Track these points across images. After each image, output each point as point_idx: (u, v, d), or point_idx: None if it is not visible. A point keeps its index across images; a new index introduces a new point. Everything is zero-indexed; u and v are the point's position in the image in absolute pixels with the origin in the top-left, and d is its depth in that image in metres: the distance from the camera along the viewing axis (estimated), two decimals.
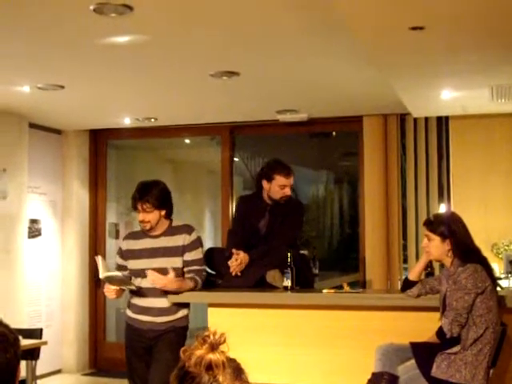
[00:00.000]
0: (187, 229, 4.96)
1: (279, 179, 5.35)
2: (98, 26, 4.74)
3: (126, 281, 4.81)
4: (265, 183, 5.40)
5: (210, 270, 5.33)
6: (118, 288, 4.87)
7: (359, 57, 5.40)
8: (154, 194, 4.82)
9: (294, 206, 5.51)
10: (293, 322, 5.11)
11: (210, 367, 1.78)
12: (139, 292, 4.90)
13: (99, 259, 4.85)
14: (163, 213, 4.87)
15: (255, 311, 5.17)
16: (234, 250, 5.24)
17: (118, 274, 4.82)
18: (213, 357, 1.79)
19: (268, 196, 5.40)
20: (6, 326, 2.17)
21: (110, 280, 4.82)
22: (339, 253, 11.63)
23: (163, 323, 4.89)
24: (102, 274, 4.79)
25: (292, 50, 5.42)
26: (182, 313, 4.96)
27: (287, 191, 5.37)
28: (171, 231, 4.93)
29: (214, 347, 1.80)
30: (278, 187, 5.35)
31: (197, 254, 4.93)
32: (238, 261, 5.20)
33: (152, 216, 4.83)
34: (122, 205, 9.65)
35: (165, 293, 4.85)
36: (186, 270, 4.90)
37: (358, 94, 6.92)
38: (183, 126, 8.64)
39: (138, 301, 4.94)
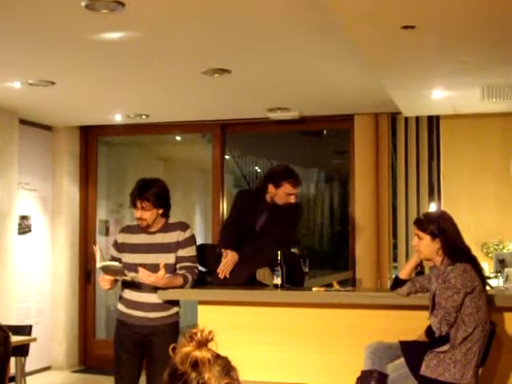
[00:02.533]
0: (182, 226, 4.99)
1: (287, 187, 5.38)
2: (90, 23, 4.72)
3: (121, 271, 4.83)
4: (271, 187, 5.42)
5: (201, 267, 5.33)
6: (112, 278, 4.88)
7: (351, 55, 5.40)
8: (154, 193, 4.85)
9: (293, 208, 5.52)
10: (283, 320, 5.11)
11: (195, 364, 1.78)
12: (132, 286, 4.91)
13: (97, 248, 4.90)
14: (160, 211, 4.90)
15: (245, 309, 5.17)
16: (222, 250, 5.26)
17: (115, 264, 4.85)
18: (199, 354, 1.78)
19: (271, 198, 5.43)
20: None
21: (106, 270, 4.85)
22: (329, 251, 11.65)
23: (156, 319, 4.90)
24: (99, 263, 4.81)
25: (284, 49, 5.41)
26: (174, 309, 4.98)
27: (292, 199, 5.41)
28: (167, 228, 4.95)
29: (200, 344, 1.80)
30: (284, 194, 5.39)
31: (190, 251, 4.95)
32: (223, 263, 5.22)
33: (149, 214, 4.85)
34: (112, 202, 9.64)
35: (155, 288, 4.86)
36: (178, 266, 4.92)
37: (350, 93, 6.92)
38: (174, 123, 8.63)
39: (131, 295, 4.95)
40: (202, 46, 5.33)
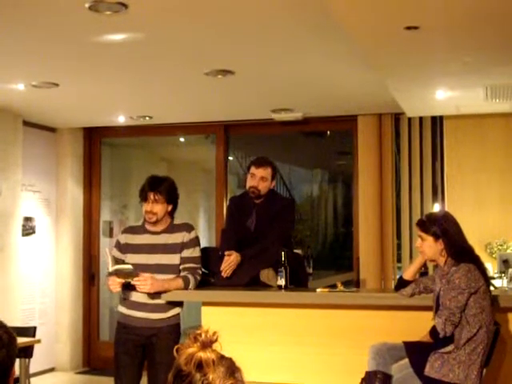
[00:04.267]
0: (187, 227, 5.00)
1: (251, 169, 5.47)
2: (93, 24, 4.73)
3: (133, 274, 4.82)
4: (246, 177, 5.54)
5: (204, 270, 5.33)
6: (123, 281, 4.89)
7: (354, 56, 5.40)
8: (166, 187, 4.89)
9: (282, 204, 5.53)
10: (286, 321, 5.11)
11: (200, 365, 1.78)
12: (134, 287, 4.90)
13: (108, 252, 4.93)
14: (170, 208, 4.92)
15: (249, 310, 5.17)
16: (226, 252, 5.26)
17: (128, 266, 4.84)
18: (203, 355, 1.78)
19: (248, 189, 5.48)
20: (2, 326, 2.15)
21: (119, 273, 4.84)
22: (333, 252, 11.65)
23: (157, 320, 4.90)
24: (111, 267, 4.82)
25: (287, 49, 5.42)
26: (176, 310, 4.98)
27: (255, 182, 5.41)
28: (172, 229, 4.96)
29: (205, 345, 1.80)
30: (249, 176, 5.46)
31: (194, 252, 4.96)
32: (228, 262, 5.22)
33: (160, 208, 4.87)
34: (116, 203, 9.64)
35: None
36: (181, 267, 4.93)
37: (353, 94, 6.92)
38: (178, 125, 8.64)
39: (132, 296, 4.94)
40: (205, 47, 5.34)
